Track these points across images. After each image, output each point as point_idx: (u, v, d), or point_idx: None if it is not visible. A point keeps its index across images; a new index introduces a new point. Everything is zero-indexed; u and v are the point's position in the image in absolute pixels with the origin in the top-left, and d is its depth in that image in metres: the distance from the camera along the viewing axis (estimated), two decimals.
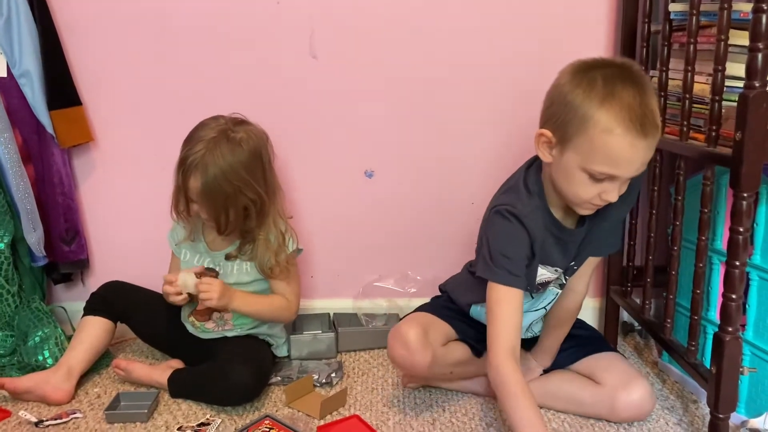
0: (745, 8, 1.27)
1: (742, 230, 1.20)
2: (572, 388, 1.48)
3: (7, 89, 1.71)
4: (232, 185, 1.48)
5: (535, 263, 1.34)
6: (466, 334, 1.52)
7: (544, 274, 1.37)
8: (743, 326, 1.40)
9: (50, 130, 1.73)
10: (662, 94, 1.51)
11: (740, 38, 1.26)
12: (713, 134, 1.29)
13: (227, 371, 1.48)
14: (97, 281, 1.80)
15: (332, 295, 1.93)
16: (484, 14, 1.75)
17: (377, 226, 1.89)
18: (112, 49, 1.78)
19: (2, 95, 1.70)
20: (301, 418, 1.49)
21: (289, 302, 1.63)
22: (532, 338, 1.56)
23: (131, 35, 1.77)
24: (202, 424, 1.46)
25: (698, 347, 1.42)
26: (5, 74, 1.70)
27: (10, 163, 1.69)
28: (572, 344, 1.53)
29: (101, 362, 1.69)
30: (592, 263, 1.47)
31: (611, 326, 1.80)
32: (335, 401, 1.51)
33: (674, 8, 1.47)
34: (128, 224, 1.89)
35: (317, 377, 1.62)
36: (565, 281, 1.44)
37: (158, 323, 1.68)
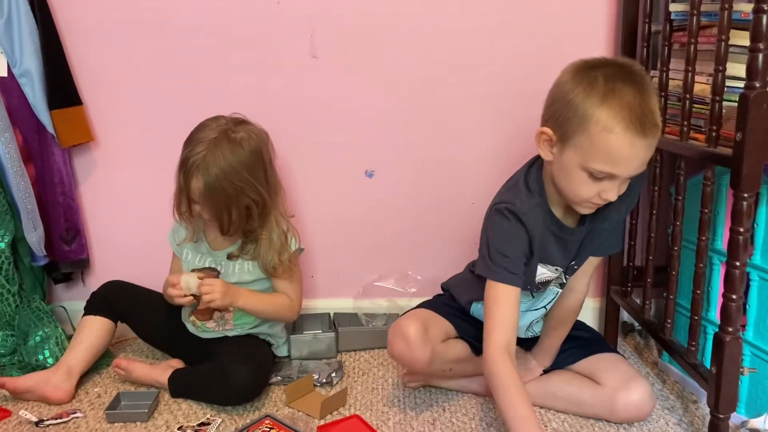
0: (745, 8, 1.27)
1: (742, 230, 1.20)
2: (572, 388, 1.48)
3: (7, 89, 1.71)
4: (233, 185, 1.48)
5: (534, 261, 1.34)
6: (465, 331, 1.52)
7: (544, 272, 1.38)
8: (743, 326, 1.40)
9: (51, 129, 1.73)
10: (663, 94, 1.51)
11: (741, 38, 1.26)
12: (713, 134, 1.29)
13: (227, 371, 1.48)
14: (97, 281, 1.80)
15: (332, 294, 1.93)
16: (484, 14, 1.75)
17: (378, 225, 1.89)
18: (112, 48, 1.78)
19: (3, 95, 1.70)
20: (301, 417, 1.49)
21: (292, 301, 1.63)
22: (532, 338, 1.56)
23: (132, 35, 1.77)
24: (202, 423, 1.46)
25: (698, 347, 1.42)
26: (6, 74, 1.70)
27: (10, 162, 1.69)
28: (572, 345, 1.53)
29: (102, 362, 1.69)
30: (593, 263, 1.47)
31: (611, 326, 1.79)
32: (335, 401, 1.51)
33: (675, 8, 1.47)
34: (129, 224, 1.89)
35: (317, 377, 1.62)
36: (565, 281, 1.44)
37: (158, 323, 1.68)
